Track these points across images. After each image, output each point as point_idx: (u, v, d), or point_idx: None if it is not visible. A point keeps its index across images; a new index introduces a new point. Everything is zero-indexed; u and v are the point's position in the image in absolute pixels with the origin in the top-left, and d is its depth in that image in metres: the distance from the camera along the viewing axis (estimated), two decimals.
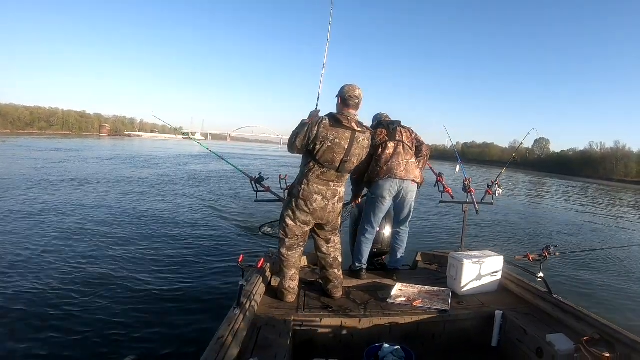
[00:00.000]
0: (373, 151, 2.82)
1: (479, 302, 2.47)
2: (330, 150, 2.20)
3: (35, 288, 3.62)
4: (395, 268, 3.01)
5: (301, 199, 2.27)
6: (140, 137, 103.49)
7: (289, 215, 2.33)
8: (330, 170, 2.26)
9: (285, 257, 2.39)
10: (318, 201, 2.27)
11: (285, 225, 2.36)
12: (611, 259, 6.43)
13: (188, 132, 7.75)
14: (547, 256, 2.36)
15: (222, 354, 1.55)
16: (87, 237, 5.42)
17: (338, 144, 2.21)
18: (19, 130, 72.95)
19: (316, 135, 2.18)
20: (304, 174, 2.28)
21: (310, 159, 2.26)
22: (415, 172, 2.86)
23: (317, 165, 2.25)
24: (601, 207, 17.31)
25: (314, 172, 2.26)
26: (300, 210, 2.28)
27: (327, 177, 2.27)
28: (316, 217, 2.32)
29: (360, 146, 2.30)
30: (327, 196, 2.30)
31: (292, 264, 2.40)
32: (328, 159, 2.22)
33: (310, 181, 2.25)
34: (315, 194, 2.26)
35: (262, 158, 35.74)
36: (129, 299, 3.53)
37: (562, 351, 1.82)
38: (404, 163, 2.80)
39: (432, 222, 8.68)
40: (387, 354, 1.87)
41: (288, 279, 2.39)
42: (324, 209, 2.31)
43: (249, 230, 6.51)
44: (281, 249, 2.40)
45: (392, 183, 2.78)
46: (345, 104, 2.29)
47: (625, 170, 65.26)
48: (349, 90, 2.29)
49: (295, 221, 2.32)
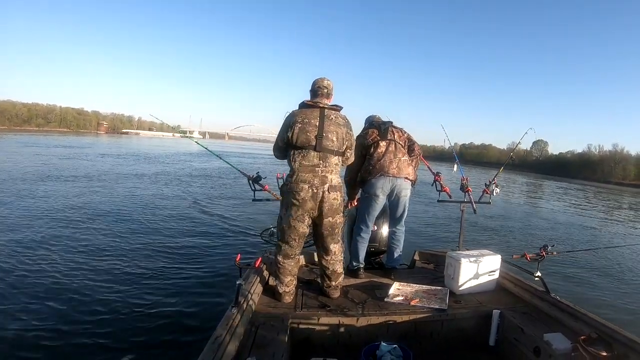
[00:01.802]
0: (365, 151, 2.85)
1: (477, 301, 2.47)
2: (302, 131, 2.24)
3: (34, 287, 3.61)
4: (392, 267, 3.00)
5: (289, 191, 2.26)
6: (138, 135, 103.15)
7: (283, 214, 2.32)
8: (310, 152, 2.25)
9: (281, 264, 2.35)
10: (305, 190, 2.21)
11: (280, 227, 2.34)
12: (608, 259, 6.47)
13: (186, 131, 7.74)
14: (544, 255, 2.37)
15: (219, 353, 1.54)
16: (81, 234, 5.40)
17: (308, 123, 2.26)
18: (16, 127, 72.65)
19: (287, 124, 2.28)
20: (290, 167, 2.32)
21: (291, 148, 2.30)
22: (408, 169, 2.85)
23: (296, 152, 2.28)
24: (599, 208, 17.40)
25: (296, 159, 2.27)
26: (291, 204, 2.25)
27: (309, 161, 2.25)
28: (307, 208, 2.24)
29: (335, 123, 2.31)
30: (314, 184, 2.23)
31: (288, 271, 2.37)
32: (303, 139, 2.24)
33: (295, 172, 2.26)
34: (301, 182, 2.23)
35: (260, 157, 35.66)
36: (125, 297, 3.51)
37: (559, 350, 1.82)
38: (396, 161, 2.81)
39: (430, 221, 8.70)
40: (385, 353, 1.87)
41: (284, 285, 2.36)
42: (314, 198, 2.23)
43: (247, 229, 6.50)
44: (277, 256, 2.37)
45: (385, 181, 2.77)
46: (314, 94, 2.39)
47: (623, 172, 65.49)
48: (317, 82, 2.41)
49: (288, 219, 2.27)
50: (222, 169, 17.02)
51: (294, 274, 2.42)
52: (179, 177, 14.05)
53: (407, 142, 2.98)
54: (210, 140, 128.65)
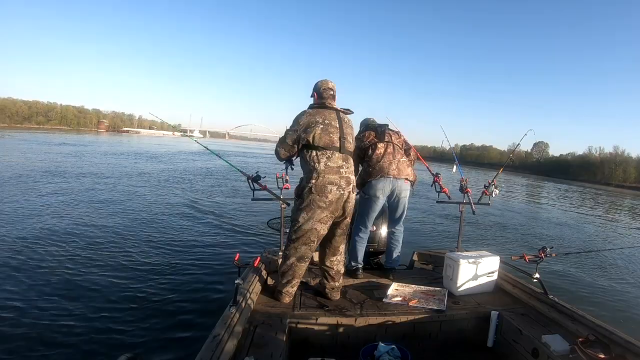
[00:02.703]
0: (363, 154, 2.86)
1: (475, 302, 2.47)
2: (325, 131, 2.22)
3: (33, 285, 3.60)
4: (391, 268, 3.00)
5: (314, 193, 2.18)
6: (139, 133, 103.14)
7: (303, 217, 2.21)
8: (335, 153, 2.24)
9: (294, 266, 2.28)
10: (333, 192, 2.20)
11: (298, 230, 2.23)
12: (607, 261, 6.48)
13: (186, 130, 7.72)
14: (543, 257, 2.37)
15: (217, 352, 1.54)
16: (79, 230, 5.40)
17: (329, 124, 2.25)
18: (17, 125, 72.64)
19: (306, 124, 2.22)
20: (312, 168, 2.22)
21: (311, 149, 2.23)
22: (408, 170, 2.87)
23: (319, 153, 2.22)
24: (598, 211, 17.40)
25: (320, 161, 2.21)
26: (316, 206, 2.18)
27: (335, 163, 2.24)
28: (333, 209, 2.23)
29: (349, 125, 2.37)
30: (341, 185, 2.23)
31: (299, 274, 2.33)
32: (327, 140, 2.22)
33: (321, 173, 2.19)
34: (329, 184, 2.19)
35: (261, 156, 35.66)
36: (123, 296, 3.51)
37: (557, 352, 1.83)
38: (395, 162, 2.82)
39: (429, 222, 8.70)
40: (383, 353, 1.87)
41: (289, 285, 2.32)
42: (340, 199, 2.23)
43: (246, 228, 6.50)
44: (290, 258, 2.28)
45: (386, 182, 2.78)
46: (321, 97, 2.37)
47: (624, 175, 65.51)
48: (323, 84, 2.39)
49: (311, 222, 2.20)
50: (222, 168, 17.02)
51: (301, 276, 2.39)
52: (179, 176, 14.03)
53: (403, 145, 3.00)
54: (211, 139, 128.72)
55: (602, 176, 65.39)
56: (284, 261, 2.34)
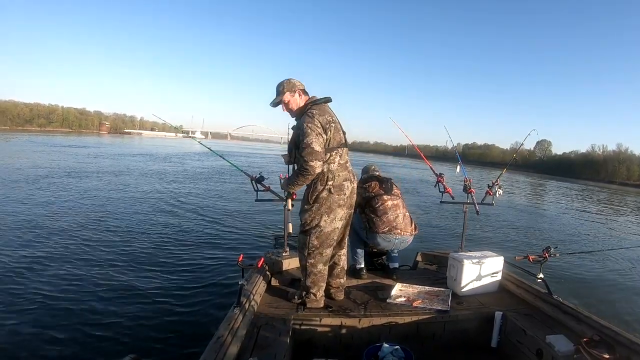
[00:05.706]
0: (365, 202, 2.85)
1: (479, 303, 2.47)
2: (337, 130, 2.18)
3: (35, 285, 3.62)
4: (395, 268, 3.01)
5: (334, 194, 2.14)
6: (141, 135, 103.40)
7: (325, 220, 2.15)
8: (343, 149, 2.22)
9: (324, 271, 2.25)
10: (348, 188, 2.20)
11: (321, 235, 2.17)
12: (611, 261, 6.43)
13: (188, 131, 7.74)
14: (547, 257, 2.36)
15: (221, 353, 1.55)
16: (83, 230, 5.42)
17: (335, 121, 2.20)
18: (18, 127, 72.94)
19: (325, 124, 2.10)
20: (327, 170, 2.13)
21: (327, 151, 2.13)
22: (412, 225, 2.92)
23: (334, 153, 2.14)
24: (602, 209, 17.30)
25: (335, 160, 2.15)
26: (337, 206, 2.16)
27: (344, 159, 2.22)
28: (349, 205, 2.25)
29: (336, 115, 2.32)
30: (351, 179, 2.24)
31: (324, 277, 2.28)
32: (338, 138, 2.18)
33: (335, 173, 2.16)
34: (344, 181, 2.19)
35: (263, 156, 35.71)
36: (128, 297, 3.52)
37: (562, 352, 1.82)
38: (401, 216, 2.85)
39: (433, 223, 8.67)
40: (387, 354, 1.87)
41: (322, 290, 2.28)
42: (352, 193, 2.25)
43: (249, 229, 6.51)
44: (318, 265, 2.21)
45: (392, 238, 2.81)
46: (305, 92, 2.28)
47: (627, 173, 65.22)
48: (296, 82, 2.25)
49: (333, 223, 2.17)
50: (224, 169, 17.05)
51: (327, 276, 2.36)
52: (181, 177, 14.07)
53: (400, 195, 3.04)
54: (213, 140, 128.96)
55: (606, 174, 65.09)
56: (312, 270, 2.23)
